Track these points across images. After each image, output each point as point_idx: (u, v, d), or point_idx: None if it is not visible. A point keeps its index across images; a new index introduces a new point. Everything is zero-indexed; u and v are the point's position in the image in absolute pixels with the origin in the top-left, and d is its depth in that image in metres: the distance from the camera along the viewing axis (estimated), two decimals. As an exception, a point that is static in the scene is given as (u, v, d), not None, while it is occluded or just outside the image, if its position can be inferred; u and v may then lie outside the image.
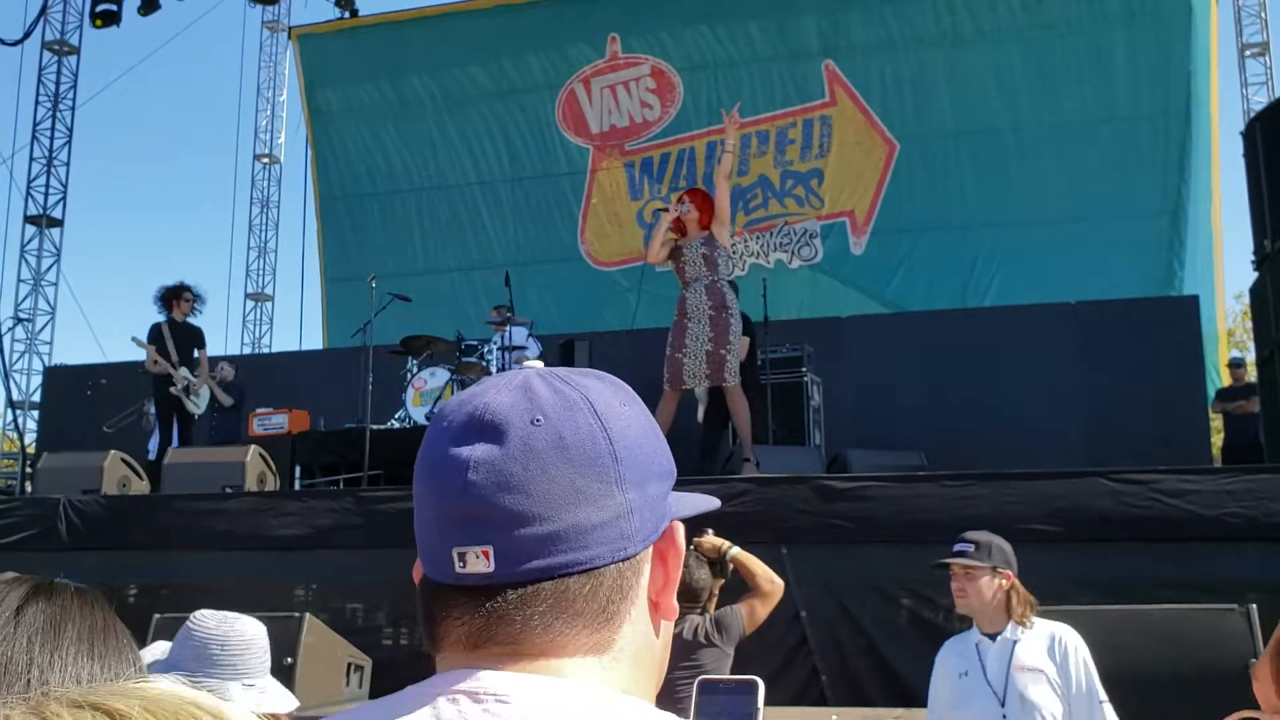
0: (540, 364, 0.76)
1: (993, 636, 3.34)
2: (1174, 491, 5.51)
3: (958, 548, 3.39)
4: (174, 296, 9.47)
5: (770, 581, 3.69)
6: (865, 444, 7.77)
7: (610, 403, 0.78)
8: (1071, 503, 5.60)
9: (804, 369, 8.94)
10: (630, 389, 0.82)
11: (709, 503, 0.85)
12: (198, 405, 9.45)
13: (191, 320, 9.60)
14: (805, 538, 5.70)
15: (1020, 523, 5.44)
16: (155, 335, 9.33)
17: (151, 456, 9.41)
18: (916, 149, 12.69)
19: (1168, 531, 5.37)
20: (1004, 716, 3.23)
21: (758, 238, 13.24)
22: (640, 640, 0.78)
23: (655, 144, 13.87)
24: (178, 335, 9.39)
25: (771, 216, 13.25)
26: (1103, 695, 3.23)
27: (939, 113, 12.69)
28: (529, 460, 0.73)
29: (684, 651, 3.42)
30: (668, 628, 0.82)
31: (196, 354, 9.51)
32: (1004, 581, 3.35)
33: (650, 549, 0.78)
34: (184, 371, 9.30)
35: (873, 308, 12.10)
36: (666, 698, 0.84)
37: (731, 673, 3.37)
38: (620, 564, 0.76)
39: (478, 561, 0.72)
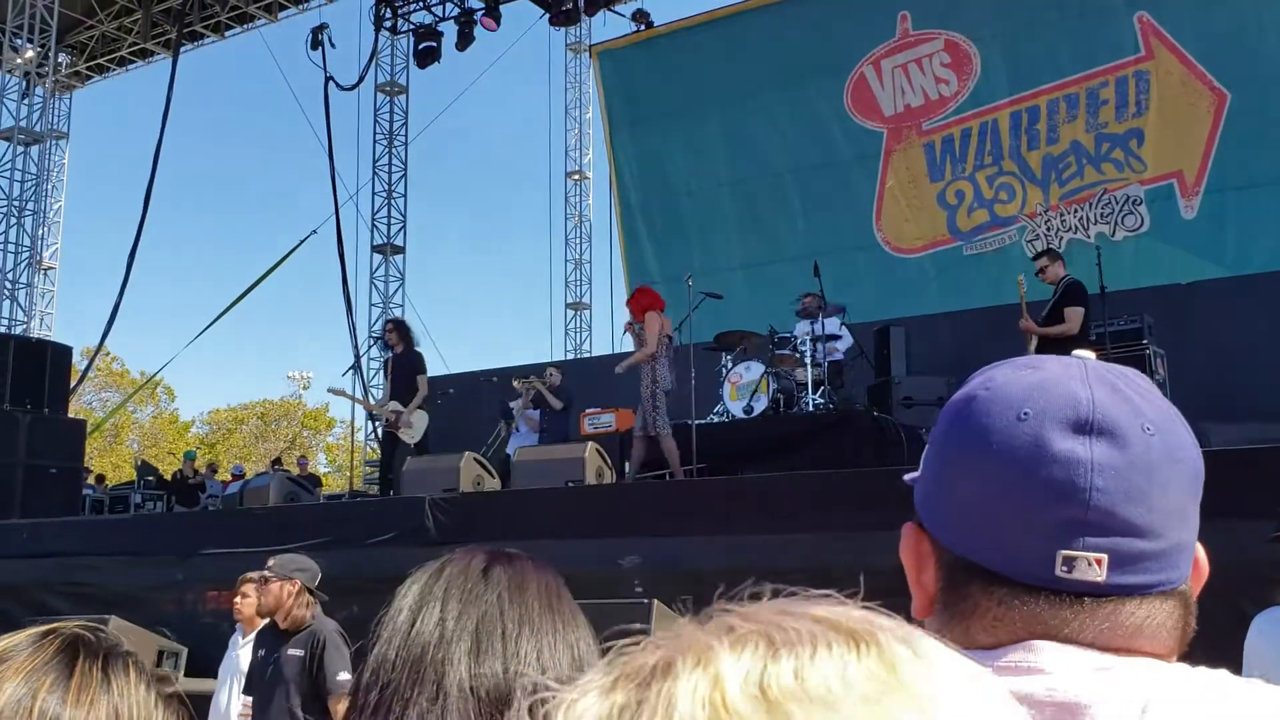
0: (1091, 354, 0.77)
1: None
2: None
3: None
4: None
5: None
6: (1222, 417, 7.20)
7: (1181, 415, 0.75)
8: None
9: (1145, 341, 8.40)
10: None
11: None
12: (411, 435, 9.61)
13: (419, 349, 9.95)
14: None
15: None
16: (385, 369, 10.17)
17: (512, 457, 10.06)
18: (1250, 96, 11.59)
19: None
20: None
21: (1075, 210, 12.52)
22: None
23: (954, 120, 13.44)
24: (395, 369, 9.84)
25: (1089, 185, 12.50)
26: None
27: (1271, 54, 11.53)
28: (1153, 473, 0.71)
29: None
30: None
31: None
32: None
33: None
34: (393, 405, 9.65)
35: (1211, 273, 11.14)
36: None
37: None
38: (1188, 583, 0.74)
39: (1089, 569, 0.70)
